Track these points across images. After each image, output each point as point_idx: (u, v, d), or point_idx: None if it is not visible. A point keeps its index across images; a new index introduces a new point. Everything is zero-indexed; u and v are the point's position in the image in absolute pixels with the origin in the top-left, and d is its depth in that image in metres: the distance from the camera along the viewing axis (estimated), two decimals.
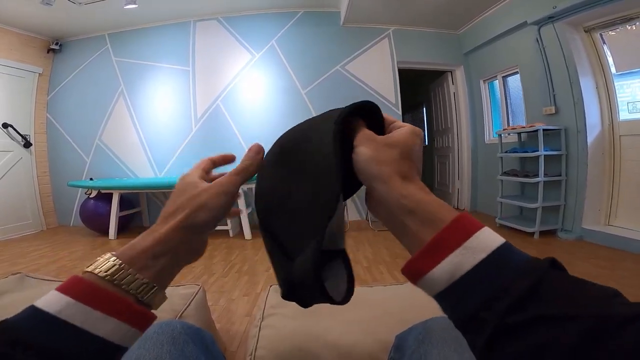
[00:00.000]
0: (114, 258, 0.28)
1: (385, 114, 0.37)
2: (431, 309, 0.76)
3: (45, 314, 0.24)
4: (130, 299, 0.27)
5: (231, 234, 3.51)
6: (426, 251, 0.25)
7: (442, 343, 0.44)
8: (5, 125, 3.85)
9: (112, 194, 3.55)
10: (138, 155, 4.25)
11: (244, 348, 0.81)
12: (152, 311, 0.29)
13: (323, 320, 0.77)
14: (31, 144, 4.15)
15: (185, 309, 0.92)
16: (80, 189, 4.08)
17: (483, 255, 0.23)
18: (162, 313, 0.87)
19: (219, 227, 3.49)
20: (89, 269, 0.27)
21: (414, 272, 0.26)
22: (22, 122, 4.07)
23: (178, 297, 0.97)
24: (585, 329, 0.19)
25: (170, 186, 3.53)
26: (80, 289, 0.25)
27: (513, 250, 0.24)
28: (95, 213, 3.62)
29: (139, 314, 0.27)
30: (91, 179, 4.16)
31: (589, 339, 0.18)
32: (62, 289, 0.25)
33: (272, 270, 0.37)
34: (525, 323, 0.20)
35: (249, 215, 3.48)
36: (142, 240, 0.30)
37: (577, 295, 0.21)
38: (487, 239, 0.24)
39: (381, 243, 3.00)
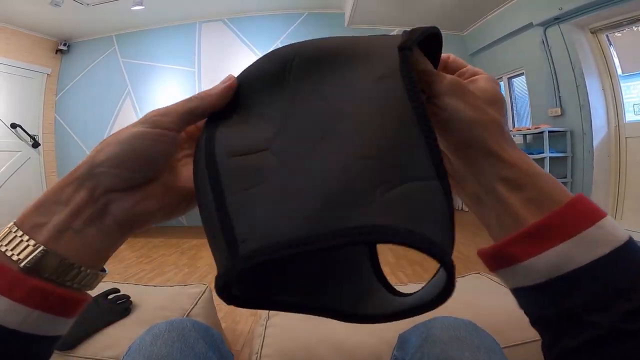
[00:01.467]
0: (13, 223, 0.22)
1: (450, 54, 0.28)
2: (434, 311, 0.77)
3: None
4: (21, 272, 0.20)
5: None
6: (529, 235, 0.21)
7: (444, 342, 0.45)
8: (13, 126, 3.90)
9: None
10: None
11: (249, 347, 0.82)
12: (75, 291, 0.22)
13: (328, 320, 0.79)
14: (39, 144, 4.20)
15: (193, 308, 0.93)
16: None
17: (606, 250, 0.19)
18: (170, 312, 0.89)
19: None
20: (26, 263, 0.20)
21: (505, 258, 0.22)
22: (30, 122, 4.12)
23: (186, 296, 0.98)
24: None
25: None
26: (37, 294, 0.20)
27: (637, 245, 0.20)
28: None
29: (37, 290, 0.20)
30: None
31: None
32: (14, 295, 0.20)
33: None
34: (636, 332, 0.17)
35: None
36: (88, 229, 0.23)
37: None
38: (611, 232, 0.20)
39: (384, 244, 3.01)
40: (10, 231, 0.21)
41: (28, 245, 0.20)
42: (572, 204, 0.21)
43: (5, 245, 0.20)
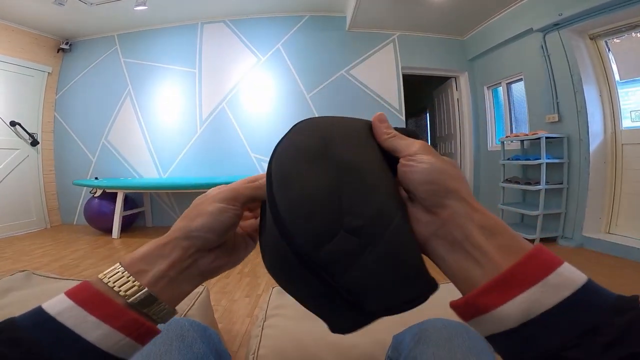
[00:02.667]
0: (118, 264, 0.28)
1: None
2: (428, 311, 0.78)
3: (46, 315, 0.24)
4: (124, 306, 0.26)
5: None
6: (498, 284, 0.22)
7: (437, 343, 0.46)
8: (13, 123, 3.90)
9: (116, 193, 3.58)
10: (143, 155, 4.29)
11: (245, 347, 0.83)
12: (155, 325, 0.28)
13: (323, 322, 0.80)
14: (38, 142, 4.20)
15: (190, 309, 0.94)
16: (85, 187, 4.13)
17: (567, 293, 0.21)
18: None
19: None
20: (99, 276, 0.27)
21: (478, 307, 0.23)
22: (30, 120, 4.12)
23: None
24: None
25: (174, 187, 3.57)
26: (84, 293, 0.26)
27: (598, 287, 0.22)
28: (99, 212, 3.66)
29: (133, 322, 0.26)
30: (96, 178, 4.20)
31: None
32: (69, 293, 0.26)
33: None
34: None
35: None
36: (143, 246, 0.30)
37: None
38: (571, 276, 0.22)
39: None
40: (118, 271, 0.28)
41: (134, 286, 0.27)
42: (534, 253, 0.23)
43: (114, 282, 0.27)
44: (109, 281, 0.27)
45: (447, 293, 0.27)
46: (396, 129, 0.32)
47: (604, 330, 0.20)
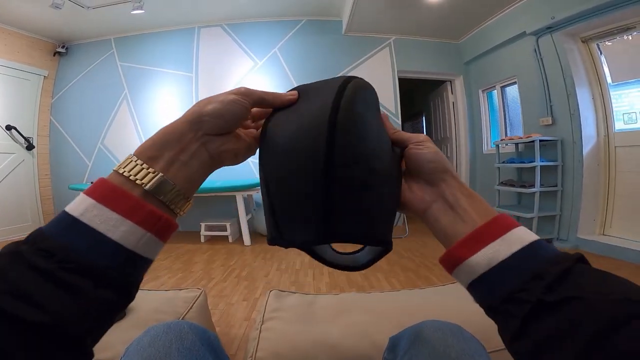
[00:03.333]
0: (131, 154, 0.28)
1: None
2: (423, 313, 0.79)
3: (70, 217, 0.24)
4: (141, 197, 0.26)
5: (230, 240, 3.53)
6: (468, 240, 0.29)
7: (432, 344, 0.47)
8: (8, 127, 3.88)
9: None
10: None
11: (243, 351, 0.83)
12: (173, 218, 0.29)
13: (322, 324, 0.80)
14: (34, 147, 4.18)
15: (187, 312, 0.94)
16: (81, 192, 4.10)
17: (518, 247, 0.27)
18: (165, 315, 0.90)
19: (219, 233, 3.51)
20: (114, 168, 0.27)
21: (456, 258, 0.29)
22: (25, 124, 4.10)
23: (180, 300, 0.99)
24: (614, 311, 0.21)
25: None
26: (102, 189, 0.25)
27: (544, 245, 0.28)
28: None
29: (151, 214, 0.26)
30: (92, 183, 4.18)
31: (618, 320, 0.20)
32: (88, 191, 0.25)
33: (271, 276, 0.38)
34: (558, 302, 0.23)
35: (249, 222, 3.50)
36: (154, 134, 0.30)
37: (604, 282, 0.24)
38: (523, 235, 0.28)
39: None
40: (132, 161, 0.27)
41: (148, 173, 0.27)
42: (497, 218, 0.30)
43: (129, 172, 0.26)
44: (124, 171, 0.27)
45: (439, 296, 0.30)
46: None
47: (545, 277, 0.25)
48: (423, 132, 6.38)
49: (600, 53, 2.92)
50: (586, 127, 2.92)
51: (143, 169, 0.27)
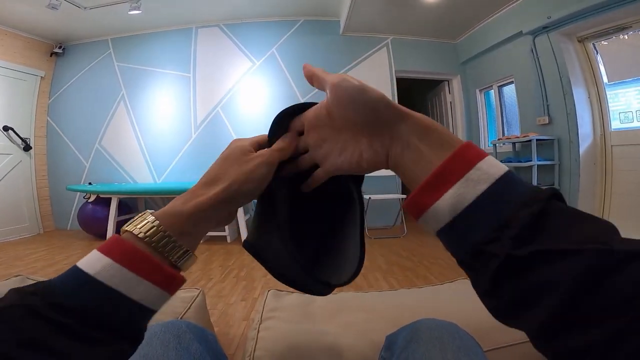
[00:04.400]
0: (153, 219, 0.28)
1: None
2: (421, 312, 0.79)
3: (85, 275, 0.24)
4: (165, 263, 0.27)
5: (229, 240, 3.53)
6: (428, 184, 0.25)
7: (428, 342, 0.47)
8: (5, 128, 3.87)
9: (110, 198, 3.57)
10: (137, 160, 4.27)
11: (241, 350, 0.84)
12: (181, 275, 0.29)
13: (319, 323, 0.81)
14: (31, 147, 4.17)
15: (186, 312, 0.94)
16: (79, 193, 4.10)
17: (484, 187, 0.23)
18: (164, 315, 0.90)
19: (217, 233, 3.51)
20: (128, 228, 0.27)
21: (418, 206, 0.25)
22: (22, 125, 4.09)
23: (179, 300, 0.99)
24: (588, 264, 0.19)
25: (169, 192, 3.55)
26: (120, 250, 0.26)
27: (515, 179, 0.23)
28: (93, 217, 3.64)
29: (172, 277, 0.27)
30: (90, 184, 4.17)
31: (592, 274, 0.19)
32: (103, 249, 0.26)
33: (269, 276, 0.37)
34: (529, 257, 0.20)
35: (247, 222, 3.50)
36: (183, 206, 0.30)
37: (578, 228, 0.21)
38: (490, 169, 0.23)
39: (377, 251, 3.03)
40: (160, 232, 0.28)
41: (180, 251, 0.29)
42: (460, 150, 0.25)
43: (157, 244, 0.27)
44: (145, 237, 0.27)
45: (437, 295, 0.30)
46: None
47: (513, 225, 0.21)
48: None
49: (597, 52, 2.93)
50: (582, 126, 2.93)
51: (175, 245, 0.28)
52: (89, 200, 3.70)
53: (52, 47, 4.35)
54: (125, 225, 0.28)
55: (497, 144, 3.60)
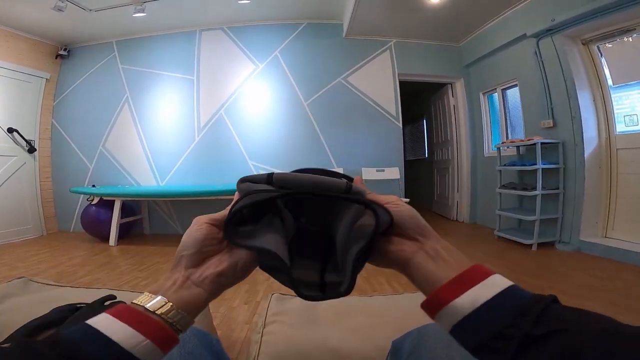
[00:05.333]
0: (164, 300, 0.32)
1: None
2: (427, 317, 0.78)
3: (120, 348, 0.27)
4: (172, 331, 0.31)
5: None
6: (451, 283, 0.31)
7: (435, 348, 0.46)
8: (10, 130, 3.90)
9: (114, 201, 3.58)
10: (141, 163, 4.28)
11: (244, 354, 0.83)
12: (174, 333, 0.33)
13: (323, 327, 0.80)
14: (35, 149, 4.19)
15: None
16: (82, 195, 4.11)
17: (499, 289, 0.29)
18: None
19: None
20: (149, 306, 0.31)
21: (440, 300, 0.30)
22: (27, 127, 4.12)
23: None
24: (597, 338, 0.24)
25: (172, 195, 3.56)
26: (150, 327, 0.29)
27: (520, 289, 0.30)
28: (96, 219, 3.65)
29: (156, 325, 0.30)
30: (93, 186, 4.19)
31: (603, 344, 0.23)
32: (136, 326, 0.29)
33: (272, 280, 0.39)
34: (544, 335, 0.25)
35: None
36: (182, 290, 0.34)
37: (582, 316, 0.27)
38: (501, 281, 0.30)
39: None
40: (141, 296, 0.32)
41: (164, 304, 0.32)
42: (476, 266, 0.32)
43: (139, 301, 0.32)
44: (135, 301, 0.32)
45: None
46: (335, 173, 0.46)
47: (529, 313, 0.27)
48: (424, 135, 6.40)
49: (601, 55, 2.92)
50: (587, 130, 2.91)
51: (187, 320, 0.33)
52: (92, 203, 3.71)
53: (57, 50, 4.38)
54: (140, 301, 0.32)
55: (501, 148, 3.59)
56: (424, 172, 6.08)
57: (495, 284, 0.30)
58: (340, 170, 4.10)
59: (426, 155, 6.21)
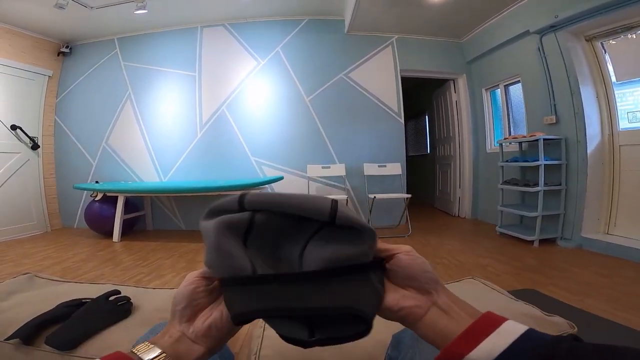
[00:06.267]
0: (159, 352, 0.34)
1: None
2: None
3: None
4: None
5: None
6: (465, 336, 0.30)
7: None
8: (14, 127, 3.92)
9: (117, 197, 3.60)
10: (143, 159, 4.30)
11: (247, 349, 0.83)
12: None
13: None
14: (39, 146, 4.21)
15: None
16: (86, 191, 4.14)
17: (514, 337, 0.29)
18: (170, 314, 0.90)
19: None
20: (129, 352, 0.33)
21: (454, 355, 0.30)
22: (30, 124, 4.14)
23: None
24: None
25: (174, 191, 3.57)
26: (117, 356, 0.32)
27: (538, 332, 0.29)
28: (100, 215, 3.67)
29: None
30: (97, 182, 4.21)
31: None
32: (108, 358, 0.31)
33: None
34: None
35: None
36: (178, 344, 0.36)
37: (606, 354, 0.26)
38: (515, 327, 0.30)
39: None
40: (142, 345, 0.35)
41: (160, 354, 0.34)
42: (487, 314, 0.32)
43: (137, 350, 0.34)
44: (134, 351, 0.34)
45: None
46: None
47: (555, 356, 0.26)
48: (426, 131, 6.38)
49: (605, 52, 2.90)
50: (590, 126, 2.90)
51: (146, 346, 0.34)
52: (96, 199, 3.73)
53: (59, 47, 4.39)
54: (141, 351, 0.34)
55: (503, 144, 3.58)
56: (426, 168, 6.08)
57: (510, 331, 0.29)
58: (342, 167, 4.02)
59: (428, 151, 6.20)
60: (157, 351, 0.34)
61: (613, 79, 2.87)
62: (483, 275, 2.29)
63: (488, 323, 0.31)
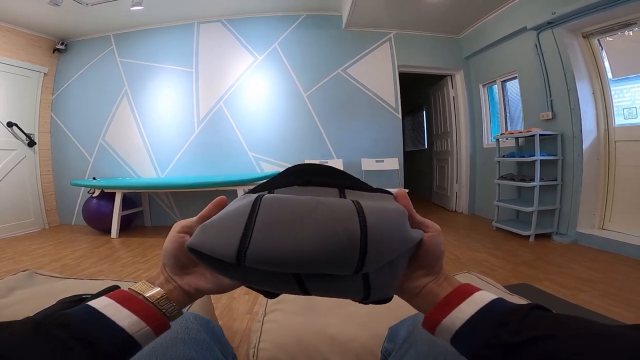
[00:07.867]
0: (158, 289, 0.36)
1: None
2: None
3: (92, 308, 0.31)
4: (166, 320, 0.35)
5: None
6: (440, 305, 0.34)
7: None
8: (10, 124, 3.90)
9: (114, 193, 3.60)
10: (141, 155, 4.29)
11: (245, 343, 0.85)
12: (167, 320, 0.36)
13: (323, 315, 0.82)
14: (35, 143, 4.19)
15: (191, 305, 0.96)
16: (83, 188, 4.13)
17: (481, 305, 0.32)
18: None
19: None
20: (147, 295, 0.35)
21: (433, 321, 0.34)
22: (26, 121, 4.12)
23: None
24: (571, 340, 0.26)
25: (172, 186, 3.57)
26: (120, 295, 0.34)
27: (505, 301, 0.33)
28: (97, 212, 3.67)
29: (153, 314, 0.34)
30: (94, 179, 4.20)
31: (576, 347, 0.26)
32: (109, 295, 0.33)
33: None
34: (524, 342, 0.27)
35: None
36: (168, 284, 0.38)
37: (561, 321, 0.29)
38: (484, 296, 0.33)
39: None
40: (145, 284, 0.37)
41: (151, 288, 0.36)
42: (462, 286, 0.36)
43: (139, 289, 0.35)
44: (154, 299, 0.35)
45: None
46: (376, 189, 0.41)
47: (508, 324, 0.29)
48: (424, 126, 6.40)
49: (601, 48, 2.91)
50: (586, 122, 2.92)
51: (173, 307, 0.36)
52: (94, 195, 3.73)
53: (54, 44, 4.36)
54: (140, 290, 0.35)
55: (500, 139, 3.60)
56: (424, 163, 6.10)
57: (477, 300, 0.33)
58: (340, 162, 4.02)
59: (426, 146, 6.21)
60: (157, 289, 0.36)
61: (609, 75, 2.88)
62: (479, 269, 2.31)
63: (462, 292, 0.34)
